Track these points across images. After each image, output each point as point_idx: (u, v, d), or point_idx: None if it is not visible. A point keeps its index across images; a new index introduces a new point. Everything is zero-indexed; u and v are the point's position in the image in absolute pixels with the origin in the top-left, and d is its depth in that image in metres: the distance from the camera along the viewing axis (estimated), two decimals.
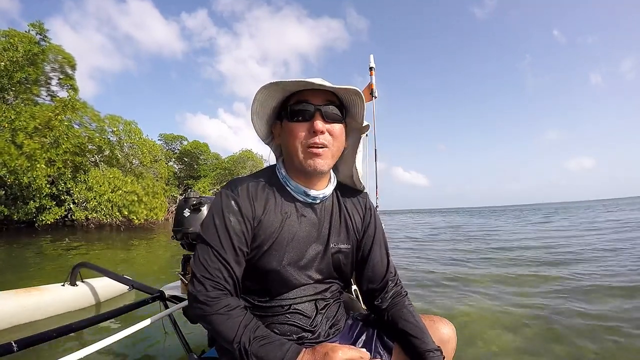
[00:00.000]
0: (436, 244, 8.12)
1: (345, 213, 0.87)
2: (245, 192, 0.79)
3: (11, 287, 2.52)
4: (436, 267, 4.89)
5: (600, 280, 3.56)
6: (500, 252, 6.20)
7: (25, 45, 12.27)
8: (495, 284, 3.72)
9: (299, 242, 0.81)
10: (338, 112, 0.79)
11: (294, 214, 0.82)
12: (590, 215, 18.17)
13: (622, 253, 5.24)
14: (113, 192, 14.31)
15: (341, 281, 0.90)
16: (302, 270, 0.81)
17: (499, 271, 4.37)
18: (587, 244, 6.57)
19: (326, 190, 0.85)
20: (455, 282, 3.88)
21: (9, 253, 7.05)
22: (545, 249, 6.15)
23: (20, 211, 12.49)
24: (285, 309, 0.80)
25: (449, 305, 2.95)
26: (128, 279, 2.09)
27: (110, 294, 2.92)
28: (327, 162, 0.78)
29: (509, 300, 3.03)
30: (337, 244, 0.85)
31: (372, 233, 0.89)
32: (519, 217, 21.26)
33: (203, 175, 27.06)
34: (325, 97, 0.78)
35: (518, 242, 7.69)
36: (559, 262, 4.81)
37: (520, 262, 5.01)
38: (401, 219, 25.78)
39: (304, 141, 0.77)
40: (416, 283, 3.90)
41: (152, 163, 18.77)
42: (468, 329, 2.35)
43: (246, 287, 0.81)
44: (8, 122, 11.27)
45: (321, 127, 0.76)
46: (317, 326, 0.81)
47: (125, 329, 1.14)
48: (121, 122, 17.46)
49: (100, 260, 6.07)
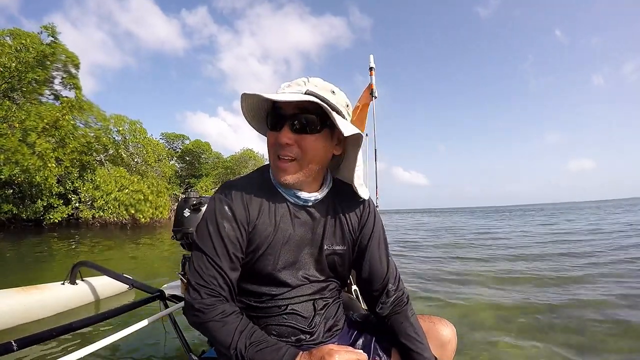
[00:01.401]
0: (429, 251, 6.89)
1: (341, 214, 0.85)
2: (240, 196, 0.78)
3: (20, 285, 2.56)
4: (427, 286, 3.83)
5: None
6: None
7: (38, 47, 12.54)
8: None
9: (292, 245, 0.80)
10: (314, 120, 0.73)
11: (287, 216, 0.80)
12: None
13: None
14: (120, 190, 14.52)
15: (338, 281, 0.89)
16: (297, 272, 0.81)
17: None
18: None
19: (318, 193, 0.82)
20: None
21: (18, 251, 7.18)
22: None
23: (28, 209, 12.74)
24: (282, 309, 0.79)
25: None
26: (128, 278, 2.09)
27: (110, 293, 2.92)
28: (294, 177, 0.75)
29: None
30: (332, 245, 0.83)
31: (369, 232, 0.86)
32: (519, 217, 21.12)
33: (205, 174, 27.19)
34: (299, 106, 0.72)
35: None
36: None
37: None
38: (398, 221, 24.30)
39: (274, 151, 0.76)
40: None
41: (156, 162, 19.05)
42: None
43: (242, 289, 0.81)
44: (19, 122, 11.53)
45: (286, 139, 0.72)
46: (315, 327, 0.81)
47: (125, 329, 1.15)
48: (127, 122, 17.76)
49: (114, 260, 6.16)
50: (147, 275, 4.31)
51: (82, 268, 2.65)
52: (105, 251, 7.34)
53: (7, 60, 11.74)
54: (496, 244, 7.77)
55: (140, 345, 2.03)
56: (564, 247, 6.59)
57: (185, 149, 28.51)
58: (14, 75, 12.11)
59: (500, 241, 8.28)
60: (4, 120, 11.24)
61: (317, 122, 0.73)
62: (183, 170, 27.94)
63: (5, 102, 11.74)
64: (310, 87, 0.73)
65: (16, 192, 12.59)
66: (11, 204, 12.30)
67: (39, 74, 12.97)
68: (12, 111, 11.50)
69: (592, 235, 8.36)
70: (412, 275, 4.46)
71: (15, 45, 12.10)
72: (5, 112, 11.33)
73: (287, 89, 0.75)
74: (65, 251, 7.21)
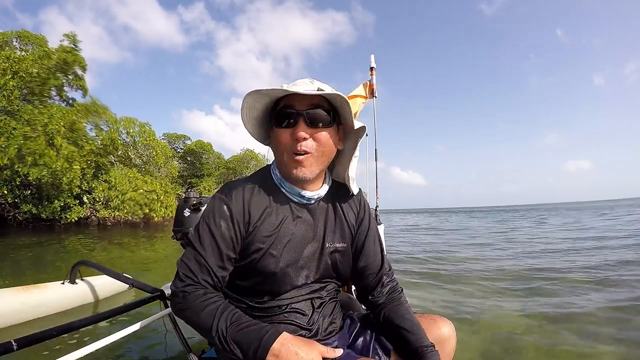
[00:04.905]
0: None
1: (341, 211, 0.88)
2: (240, 196, 0.79)
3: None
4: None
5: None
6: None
7: (60, 54, 13.21)
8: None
9: (295, 244, 0.81)
10: (325, 116, 0.77)
11: (290, 216, 0.82)
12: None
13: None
14: (134, 191, 15.12)
15: (338, 280, 0.90)
16: (299, 271, 0.82)
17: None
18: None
19: (321, 191, 0.85)
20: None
21: (33, 250, 7.32)
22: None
23: (47, 209, 13.21)
24: (283, 308, 0.80)
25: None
26: (128, 278, 2.09)
27: (110, 292, 2.92)
28: (310, 170, 0.78)
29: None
30: (333, 243, 0.85)
31: (366, 229, 0.90)
32: (517, 218, 20.88)
33: (207, 174, 27.36)
34: (310, 102, 0.76)
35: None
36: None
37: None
38: (396, 222, 22.46)
39: (288, 148, 0.77)
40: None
41: (164, 163, 19.67)
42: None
43: (244, 289, 0.82)
44: (42, 126, 12.05)
45: (303, 134, 0.75)
46: (314, 324, 0.82)
47: (125, 328, 1.15)
48: (136, 124, 18.31)
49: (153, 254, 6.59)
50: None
51: (82, 267, 2.65)
52: (132, 247, 7.83)
53: (29, 65, 12.27)
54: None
55: (140, 345, 2.04)
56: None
57: (187, 149, 28.75)
58: (35, 80, 12.63)
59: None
60: (27, 124, 11.77)
61: (328, 116, 0.77)
62: (185, 170, 28.08)
63: (28, 107, 12.28)
64: (320, 86, 0.78)
65: (34, 193, 13.07)
66: (30, 204, 12.85)
67: (60, 79, 13.69)
68: (34, 115, 12.01)
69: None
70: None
71: (39, 52, 12.75)
72: (29, 116, 11.86)
73: (294, 87, 0.75)
74: (88, 250, 7.42)
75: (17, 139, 11.21)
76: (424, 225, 17.87)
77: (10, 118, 11.63)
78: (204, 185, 24.81)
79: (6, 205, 12.71)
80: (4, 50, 12.85)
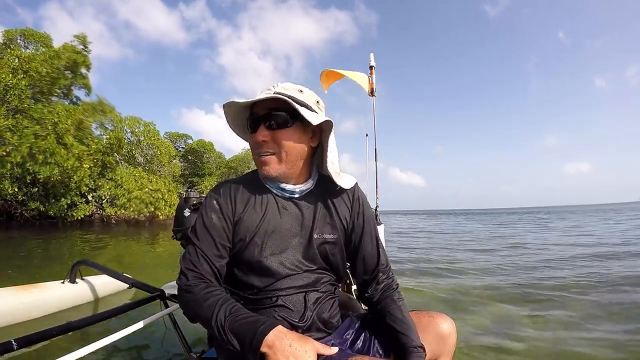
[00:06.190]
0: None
1: (331, 204, 0.90)
2: (227, 192, 0.87)
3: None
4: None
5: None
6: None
7: (70, 55, 13.42)
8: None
9: (281, 235, 0.84)
10: (283, 117, 0.82)
11: (275, 208, 0.86)
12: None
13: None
14: (140, 189, 15.30)
15: (332, 273, 0.90)
16: (284, 260, 0.83)
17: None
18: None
19: (304, 185, 0.88)
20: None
21: (40, 247, 7.34)
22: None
23: (54, 207, 13.49)
24: (272, 301, 0.81)
25: None
26: (128, 277, 2.10)
27: (110, 292, 2.92)
28: (274, 168, 0.83)
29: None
30: (322, 235, 0.87)
31: (362, 224, 0.91)
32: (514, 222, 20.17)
33: (208, 173, 27.47)
34: (270, 106, 0.82)
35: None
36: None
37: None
38: (394, 223, 22.05)
39: (255, 151, 0.85)
40: None
41: (168, 163, 19.88)
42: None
43: (236, 280, 0.85)
44: (52, 125, 12.25)
45: (261, 137, 0.81)
46: (307, 321, 0.81)
47: (125, 328, 1.15)
48: (141, 123, 18.51)
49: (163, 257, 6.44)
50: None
51: (82, 267, 2.65)
52: (145, 245, 8.00)
53: (39, 65, 12.48)
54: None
55: (140, 344, 2.04)
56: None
57: (189, 148, 28.86)
58: (45, 79, 12.85)
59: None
60: (37, 123, 11.96)
61: (287, 117, 0.82)
62: (186, 169, 28.24)
63: (38, 105, 12.47)
64: (279, 89, 0.83)
65: (40, 191, 13.31)
66: (38, 202, 13.11)
67: (69, 79, 13.94)
68: (44, 114, 12.22)
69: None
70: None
71: (49, 53, 12.95)
72: (38, 115, 12.07)
73: (260, 95, 0.82)
74: (91, 248, 7.42)
75: (29, 137, 11.43)
76: (421, 226, 17.39)
77: (23, 117, 11.86)
78: (205, 185, 24.84)
79: (13, 202, 12.95)
80: (9, 48, 13.05)
